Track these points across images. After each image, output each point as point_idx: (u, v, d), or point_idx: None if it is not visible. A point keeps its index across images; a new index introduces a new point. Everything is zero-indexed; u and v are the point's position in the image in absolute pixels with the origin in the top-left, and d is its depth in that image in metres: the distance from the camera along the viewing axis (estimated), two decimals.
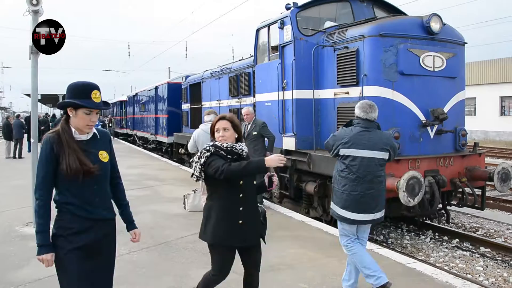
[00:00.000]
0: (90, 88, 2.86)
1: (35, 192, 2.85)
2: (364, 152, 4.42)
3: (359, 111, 4.56)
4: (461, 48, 8.06)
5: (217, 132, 3.61)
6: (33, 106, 7.66)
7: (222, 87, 13.35)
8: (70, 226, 2.84)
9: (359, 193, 4.40)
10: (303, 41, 8.62)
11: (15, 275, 5.19)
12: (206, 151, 3.51)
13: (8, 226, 7.42)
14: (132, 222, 3.30)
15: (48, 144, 2.80)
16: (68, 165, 2.75)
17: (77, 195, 2.84)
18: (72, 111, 2.82)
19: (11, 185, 11.81)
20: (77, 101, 2.79)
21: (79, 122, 2.84)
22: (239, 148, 3.58)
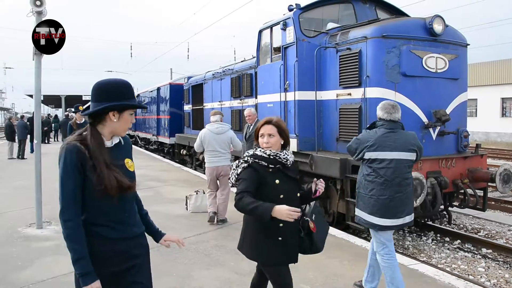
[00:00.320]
0: (130, 86, 2.58)
1: (62, 213, 2.36)
2: (391, 154, 4.30)
3: (382, 112, 4.45)
4: (463, 49, 8.06)
5: (261, 137, 3.31)
6: (36, 107, 7.68)
7: (224, 88, 13.36)
8: (100, 250, 2.43)
9: (388, 197, 4.27)
10: (305, 42, 8.63)
11: (18, 276, 5.20)
12: (244, 162, 3.25)
13: (11, 227, 7.43)
14: (158, 231, 2.86)
15: (73, 154, 2.37)
16: (108, 182, 2.36)
17: (106, 214, 2.45)
18: (115, 114, 2.46)
19: (14, 186, 11.84)
20: (127, 102, 2.48)
21: (123, 126, 2.51)
22: (283, 157, 3.26)
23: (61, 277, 5.13)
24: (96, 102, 2.46)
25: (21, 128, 20.17)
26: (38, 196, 7.36)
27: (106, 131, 2.49)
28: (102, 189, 2.36)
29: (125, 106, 2.48)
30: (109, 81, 2.51)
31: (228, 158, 7.81)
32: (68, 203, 2.36)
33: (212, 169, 7.69)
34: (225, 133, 7.75)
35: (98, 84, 2.51)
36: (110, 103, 2.43)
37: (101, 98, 2.45)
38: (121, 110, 2.47)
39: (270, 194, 3.16)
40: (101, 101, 2.44)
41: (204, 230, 7.25)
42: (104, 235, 2.44)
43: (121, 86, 2.50)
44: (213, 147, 7.64)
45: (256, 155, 3.25)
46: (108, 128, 2.49)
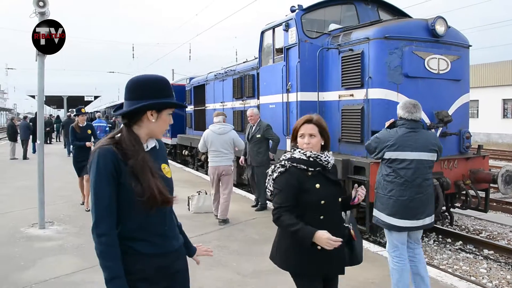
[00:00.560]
0: (169, 83, 2.30)
1: (95, 226, 2.07)
2: (412, 155, 4.22)
3: (403, 111, 4.37)
4: (465, 50, 8.07)
5: (301, 138, 3.00)
6: (40, 107, 7.70)
7: (226, 89, 13.38)
8: (136, 269, 2.15)
9: (408, 198, 4.19)
10: (308, 43, 8.64)
11: (20, 276, 5.22)
12: (281, 166, 2.97)
13: (13, 227, 7.45)
14: (191, 246, 2.62)
15: (107, 159, 2.08)
16: (152, 192, 2.08)
17: (145, 227, 2.17)
18: (153, 114, 2.19)
19: (16, 186, 11.86)
20: (167, 100, 2.22)
21: (161, 126, 2.25)
22: (324, 160, 2.97)
23: (63, 277, 5.15)
24: (131, 100, 2.20)
25: (23, 128, 20.24)
26: (41, 196, 7.38)
27: (142, 132, 2.22)
28: (144, 200, 2.08)
29: (164, 105, 2.22)
30: (146, 77, 2.26)
31: (230, 158, 7.93)
32: (102, 215, 2.08)
33: (214, 168, 7.83)
34: (227, 133, 7.87)
35: (134, 80, 2.25)
36: (148, 101, 2.16)
37: (137, 95, 2.19)
38: (159, 109, 2.22)
39: (310, 200, 2.90)
40: (137, 99, 2.18)
41: (206, 230, 7.26)
42: (142, 251, 2.16)
43: (159, 83, 2.24)
44: (216, 147, 7.78)
45: (294, 158, 2.95)
46: (145, 129, 2.22)
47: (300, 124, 3.03)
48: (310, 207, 2.88)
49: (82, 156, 8.84)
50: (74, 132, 9.06)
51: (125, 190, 2.09)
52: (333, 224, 2.94)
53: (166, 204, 2.19)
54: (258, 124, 8.76)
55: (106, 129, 19.82)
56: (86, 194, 8.93)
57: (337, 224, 3.02)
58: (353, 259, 3.11)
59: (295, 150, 3.01)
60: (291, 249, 2.96)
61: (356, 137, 7.73)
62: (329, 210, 2.91)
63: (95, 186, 2.08)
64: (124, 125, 2.22)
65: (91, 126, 9.53)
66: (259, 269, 5.39)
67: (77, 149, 9.14)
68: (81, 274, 5.26)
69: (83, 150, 8.94)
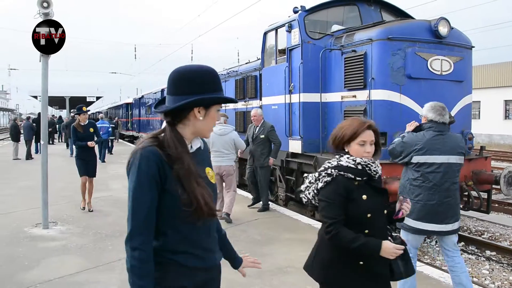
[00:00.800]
0: (217, 74, 2.02)
1: (130, 238, 1.82)
2: (441, 158, 4.14)
3: (434, 114, 4.25)
4: (468, 52, 8.07)
5: (360, 145, 2.66)
6: (43, 108, 7.73)
7: (229, 90, 13.38)
8: (178, 284, 1.92)
9: (437, 202, 4.12)
10: (310, 44, 8.66)
11: (24, 276, 5.24)
12: (327, 175, 2.67)
13: (17, 227, 7.47)
14: (236, 256, 2.41)
15: (151, 162, 1.83)
16: (200, 202, 1.85)
17: (189, 239, 1.93)
18: (201, 111, 1.93)
19: (19, 186, 11.89)
20: (216, 94, 1.96)
21: (209, 124, 1.99)
22: (374, 170, 2.68)
23: (67, 277, 5.17)
24: (175, 96, 1.93)
25: (27, 129, 20.34)
26: (45, 196, 7.40)
27: (188, 132, 1.97)
28: (191, 210, 1.85)
29: (214, 101, 1.97)
30: (193, 69, 1.97)
31: (231, 158, 8.09)
32: (139, 226, 1.83)
33: (215, 167, 7.84)
34: (227, 134, 8.00)
35: (179, 72, 1.96)
36: (195, 97, 1.90)
37: (183, 90, 1.91)
38: (207, 105, 1.96)
39: (356, 213, 2.62)
40: (182, 94, 1.91)
41: None
42: (185, 264, 1.93)
43: (207, 75, 1.95)
44: (217, 147, 7.91)
45: (341, 166, 2.66)
46: (191, 128, 1.97)
47: (361, 130, 2.66)
48: (355, 221, 2.61)
49: (86, 156, 8.75)
50: (75, 132, 8.76)
51: (170, 198, 1.85)
52: (378, 238, 2.65)
53: (211, 217, 1.94)
54: (262, 125, 8.77)
55: (109, 130, 19.98)
56: (89, 195, 8.84)
57: (383, 238, 2.68)
58: (409, 270, 2.78)
59: (341, 157, 2.70)
60: (333, 263, 2.70)
61: None
62: (375, 224, 2.64)
63: (135, 192, 1.83)
64: (168, 123, 1.96)
65: (93, 124, 9.21)
66: (263, 269, 5.40)
67: (80, 148, 8.82)
68: (85, 274, 5.28)
69: (86, 150, 8.75)
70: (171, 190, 1.85)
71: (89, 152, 8.85)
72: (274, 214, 8.58)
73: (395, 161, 4.56)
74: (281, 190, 9.81)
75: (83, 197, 8.86)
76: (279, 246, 6.42)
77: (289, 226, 7.60)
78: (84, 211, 8.69)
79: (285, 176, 9.36)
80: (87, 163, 8.79)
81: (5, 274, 5.27)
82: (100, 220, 7.95)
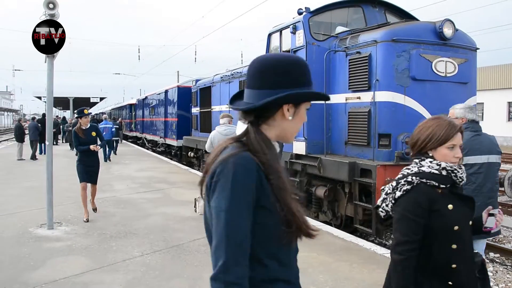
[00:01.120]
0: (308, 66, 1.64)
1: (225, 271, 1.41)
2: (482, 158, 4.04)
3: (472, 114, 4.14)
4: (473, 53, 8.06)
5: (450, 149, 2.35)
6: (49, 109, 7.75)
7: (232, 91, 13.38)
8: None
9: (480, 205, 3.81)
10: (315, 46, 8.67)
11: (30, 276, 5.26)
12: (407, 183, 2.33)
13: (22, 227, 7.50)
14: None
15: (251, 174, 1.46)
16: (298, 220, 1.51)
17: (285, 264, 1.58)
18: (291, 109, 1.57)
19: (24, 187, 11.93)
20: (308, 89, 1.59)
21: (297, 125, 1.63)
22: (460, 176, 2.36)
23: (73, 277, 5.19)
24: (259, 89, 1.56)
25: (32, 129, 20.43)
26: (50, 196, 7.42)
27: (272, 134, 1.60)
28: (291, 231, 1.51)
29: (309, 96, 1.62)
30: (280, 58, 1.61)
31: None
32: (236, 255, 1.43)
33: None
34: (232, 134, 7.90)
35: (266, 62, 1.59)
36: (286, 92, 1.54)
37: (270, 83, 1.55)
38: (298, 102, 1.60)
39: (441, 226, 2.27)
40: (270, 88, 1.55)
41: None
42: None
43: (298, 66, 1.59)
44: None
45: (424, 173, 2.33)
46: (276, 130, 1.60)
47: (453, 133, 2.36)
48: (441, 235, 2.28)
49: (89, 161, 8.18)
50: (76, 136, 8.13)
51: (267, 216, 1.49)
52: (467, 255, 2.33)
53: (309, 237, 1.58)
54: None
55: (113, 130, 20.21)
56: (92, 197, 8.46)
57: (472, 254, 2.38)
58: None
59: (422, 161, 2.39)
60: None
61: (363, 139, 7.74)
62: (462, 237, 2.31)
63: (229, 212, 1.43)
64: (251, 124, 1.58)
65: (95, 128, 8.54)
66: None
67: (82, 153, 8.19)
68: (90, 275, 5.30)
69: (89, 155, 8.15)
70: (269, 206, 1.49)
71: (92, 156, 8.25)
72: None
73: None
74: None
75: (85, 206, 8.15)
76: None
77: None
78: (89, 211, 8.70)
79: (289, 177, 9.36)
80: (89, 169, 8.21)
81: (11, 274, 5.29)
82: (105, 221, 7.97)
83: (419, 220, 2.25)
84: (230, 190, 1.43)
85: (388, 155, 7.35)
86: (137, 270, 5.42)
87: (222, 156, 1.50)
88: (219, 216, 1.45)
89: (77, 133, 8.12)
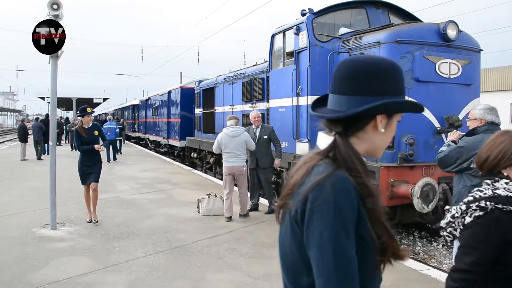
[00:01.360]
0: (402, 72, 1.46)
1: None
2: None
3: (493, 116, 4.10)
4: (476, 55, 8.05)
5: None
6: (52, 109, 7.77)
7: (236, 92, 13.42)
8: None
9: None
10: (318, 47, 8.66)
11: (33, 276, 5.27)
12: (480, 209, 2.00)
13: (25, 227, 7.51)
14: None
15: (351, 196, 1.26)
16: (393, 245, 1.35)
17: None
18: (384, 119, 1.38)
19: (27, 187, 11.96)
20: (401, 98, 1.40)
21: (388, 139, 1.42)
22: None
23: (76, 278, 5.19)
24: (351, 95, 1.37)
25: (37, 129, 20.49)
26: (53, 197, 7.44)
27: (362, 149, 1.40)
28: (385, 259, 1.35)
29: (406, 106, 1.44)
30: (375, 61, 1.41)
31: (243, 159, 8.45)
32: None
33: (228, 168, 8.37)
34: (239, 135, 8.36)
35: (356, 64, 1.40)
36: (382, 99, 1.34)
37: (363, 88, 1.36)
38: (394, 112, 1.41)
39: None
40: (364, 94, 1.35)
41: (217, 233, 7.29)
42: None
43: (394, 70, 1.40)
44: (230, 149, 8.32)
45: (500, 197, 2.00)
46: (366, 143, 1.40)
47: None
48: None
49: (90, 161, 7.89)
50: (78, 136, 7.87)
51: (365, 246, 1.30)
52: None
53: (402, 260, 1.40)
54: (262, 127, 8.98)
55: (116, 131, 20.37)
56: (94, 205, 8.00)
57: None
58: None
59: (496, 182, 2.07)
60: None
61: None
62: None
63: (338, 244, 1.23)
64: (339, 136, 1.37)
65: (97, 126, 8.25)
66: (270, 272, 5.41)
67: (84, 153, 7.95)
68: (93, 275, 5.31)
69: (91, 154, 7.91)
70: (365, 235, 1.29)
71: (94, 156, 7.97)
72: None
73: (447, 170, 4.43)
74: None
75: (88, 207, 8.01)
76: None
77: None
78: None
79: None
80: (90, 169, 7.90)
81: (14, 274, 5.30)
82: (108, 221, 7.98)
83: (488, 252, 1.94)
84: (334, 219, 1.24)
85: (392, 156, 7.34)
86: (140, 271, 5.43)
87: (316, 178, 1.29)
88: (324, 249, 1.24)
89: (79, 132, 7.84)
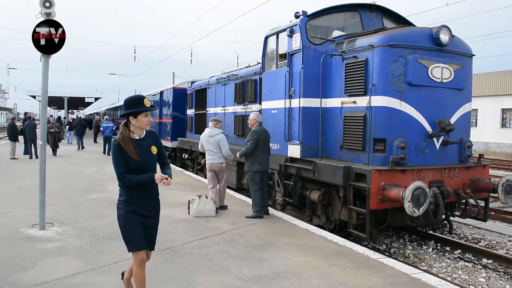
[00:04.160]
0: None
1: None
2: None
3: None
4: (469, 60, 8.10)
5: None
6: (43, 108, 7.69)
7: (228, 94, 13.40)
8: None
9: None
10: (311, 49, 8.66)
11: (21, 277, 5.20)
12: None
13: (13, 227, 7.43)
14: None
15: None
16: None
17: None
18: None
19: (16, 186, 11.84)
20: None
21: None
22: None
23: (64, 279, 5.13)
24: None
25: (32, 128, 20.43)
26: (42, 196, 7.36)
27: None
28: None
29: None
30: None
31: (221, 157, 9.32)
32: None
33: (208, 164, 9.45)
34: (214, 136, 9.33)
35: None
36: None
37: None
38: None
39: None
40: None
41: (207, 234, 7.25)
42: None
43: None
44: (208, 147, 9.40)
45: None
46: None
47: None
48: None
49: (147, 206, 4.07)
50: (122, 155, 3.88)
51: None
52: None
53: None
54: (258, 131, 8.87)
55: (113, 129, 21.72)
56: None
57: None
58: None
59: None
60: None
61: (358, 144, 7.73)
62: None
63: None
64: None
65: (156, 136, 4.22)
66: (260, 274, 5.39)
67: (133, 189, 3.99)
68: (82, 276, 5.25)
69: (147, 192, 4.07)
70: None
71: (152, 195, 4.21)
72: (272, 219, 8.55)
73: None
74: (279, 195, 9.80)
75: None
76: (277, 251, 6.40)
77: (286, 231, 7.58)
78: (81, 212, 8.63)
79: (283, 180, 9.34)
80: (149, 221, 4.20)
81: (1, 275, 5.22)
82: (97, 222, 7.91)
83: None
84: None
85: (383, 160, 7.35)
86: None
87: None
88: None
89: (122, 148, 3.94)
